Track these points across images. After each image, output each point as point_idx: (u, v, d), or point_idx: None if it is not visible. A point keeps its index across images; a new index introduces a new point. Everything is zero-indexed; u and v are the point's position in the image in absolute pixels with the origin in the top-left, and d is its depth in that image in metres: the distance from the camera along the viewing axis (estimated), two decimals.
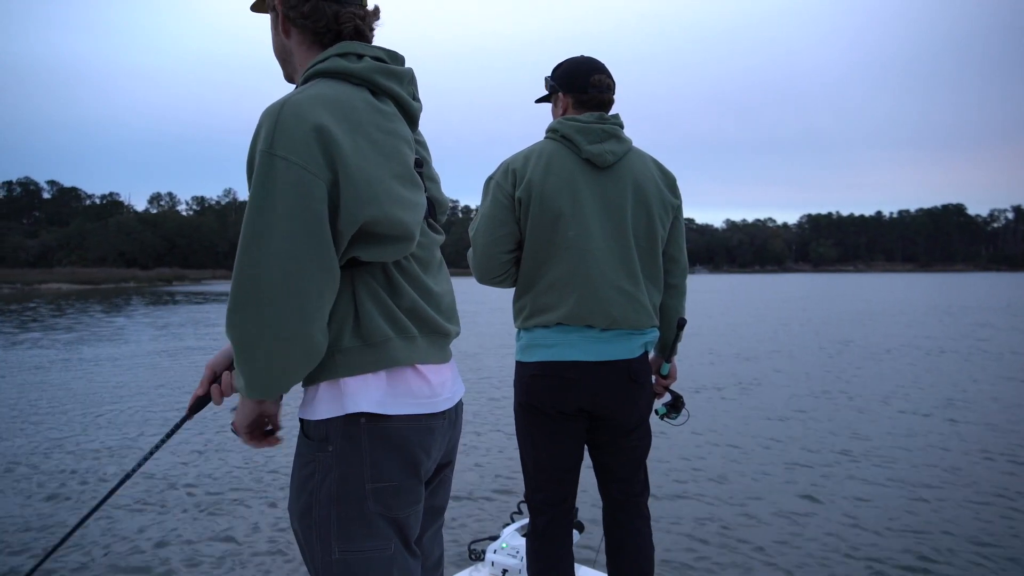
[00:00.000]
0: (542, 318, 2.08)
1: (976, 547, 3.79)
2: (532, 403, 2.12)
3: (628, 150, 2.14)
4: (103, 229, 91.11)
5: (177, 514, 4.35)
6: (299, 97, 1.20)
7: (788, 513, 4.32)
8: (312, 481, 1.26)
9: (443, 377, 1.39)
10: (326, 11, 1.33)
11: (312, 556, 1.27)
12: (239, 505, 4.54)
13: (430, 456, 1.34)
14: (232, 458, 5.58)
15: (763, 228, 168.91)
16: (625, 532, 2.21)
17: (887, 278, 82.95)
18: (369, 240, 1.23)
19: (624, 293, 2.06)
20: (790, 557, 3.68)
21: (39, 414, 7.32)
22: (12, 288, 47.69)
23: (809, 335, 15.39)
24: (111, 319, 21.02)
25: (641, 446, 2.21)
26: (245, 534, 4.05)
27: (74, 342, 14.38)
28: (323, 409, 1.26)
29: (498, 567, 2.69)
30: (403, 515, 1.29)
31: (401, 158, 1.29)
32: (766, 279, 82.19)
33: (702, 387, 8.68)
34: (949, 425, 6.66)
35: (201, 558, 3.72)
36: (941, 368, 10.39)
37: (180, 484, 4.94)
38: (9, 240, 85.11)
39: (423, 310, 1.34)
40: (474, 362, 11.27)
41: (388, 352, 1.27)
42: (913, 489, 4.77)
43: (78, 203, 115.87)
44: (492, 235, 2.10)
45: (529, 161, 2.09)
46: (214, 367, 1.39)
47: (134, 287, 54.32)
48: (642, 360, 2.15)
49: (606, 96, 2.15)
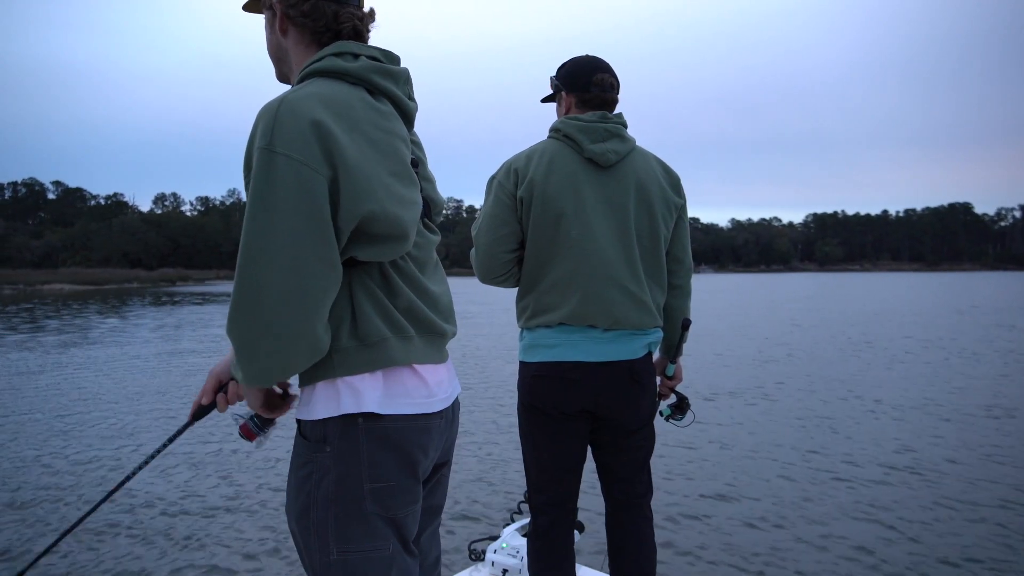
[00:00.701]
0: (544, 318, 2.08)
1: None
2: (534, 403, 2.12)
3: (631, 149, 2.13)
4: (107, 230, 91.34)
5: (158, 540, 4.03)
6: (296, 95, 1.20)
7: (848, 545, 3.86)
8: (310, 482, 1.25)
9: (440, 377, 1.39)
10: (326, 10, 1.34)
11: (310, 557, 1.27)
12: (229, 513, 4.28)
13: (428, 456, 1.34)
14: (218, 469, 5.30)
15: (768, 227, 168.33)
16: (627, 532, 2.20)
17: (894, 277, 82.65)
18: (366, 239, 1.23)
19: (627, 293, 2.06)
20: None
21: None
22: (14, 289, 47.60)
23: (827, 336, 14.99)
24: (102, 320, 20.69)
25: (644, 447, 2.20)
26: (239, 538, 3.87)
27: (60, 345, 14.08)
28: (320, 409, 1.26)
29: (498, 567, 2.68)
30: (401, 515, 1.29)
31: (398, 156, 1.30)
32: (772, 278, 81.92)
33: (717, 393, 8.33)
34: (998, 434, 6.29)
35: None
36: (973, 370, 10.05)
37: (160, 500, 4.63)
38: (14, 241, 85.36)
39: (420, 310, 1.34)
40: (477, 361, 11.01)
41: (385, 352, 1.27)
42: (973, 509, 4.39)
43: (83, 204, 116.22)
44: (494, 234, 2.11)
45: (532, 160, 2.09)
46: (219, 376, 1.40)
47: (137, 288, 54.17)
48: (645, 361, 2.13)
49: (609, 95, 2.14)
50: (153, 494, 4.80)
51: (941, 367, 10.50)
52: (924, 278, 78.01)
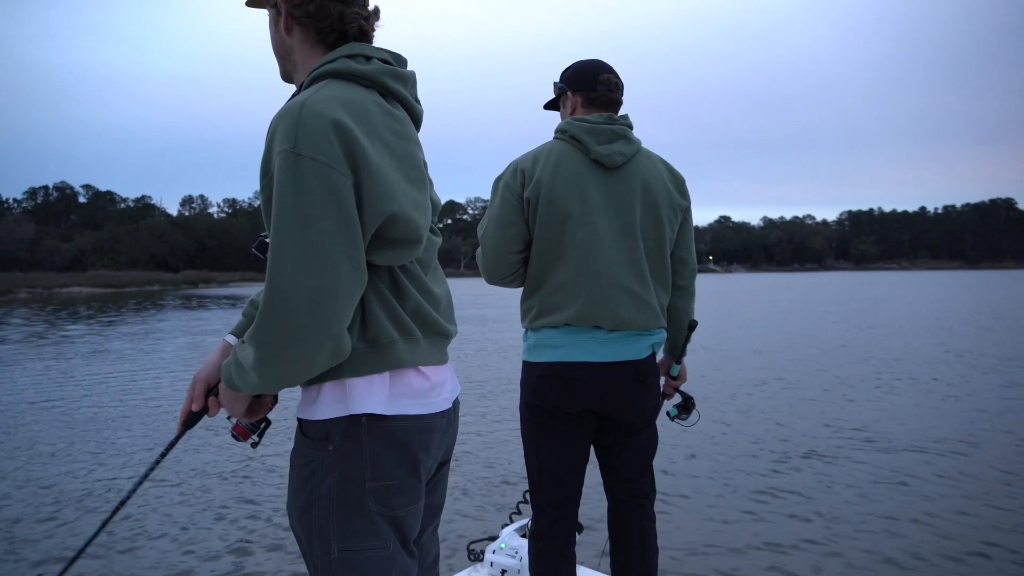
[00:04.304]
0: (550, 318, 2.08)
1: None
2: (539, 403, 2.11)
3: (637, 151, 2.14)
4: (135, 232, 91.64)
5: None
6: (316, 98, 1.19)
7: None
8: (312, 480, 1.26)
9: (444, 377, 1.40)
10: (331, 11, 1.33)
11: (312, 555, 1.27)
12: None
13: (430, 455, 1.35)
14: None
15: (802, 225, 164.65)
16: (630, 533, 2.20)
17: (935, 276, 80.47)
18: (384, 243, 1.24)
19: (632, 294, 2.07)
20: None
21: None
22: (31, 292, 47.03)
23: (900, 341, 13.26)
24: (94, 325, 19.75)
25: (648, 447, 2.21)
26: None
27: (24, 354, 13.00)
28: (326, 410, 1.26)
29: (497, 567, 2.66)
30: (402, 514, 1.29)
31: (414, 162, 1.33)
32: (807, 277, 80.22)
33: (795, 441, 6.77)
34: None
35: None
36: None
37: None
38: (44, 244, 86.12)
39: (426, 312, 1.35)
40: (479, 360, 10.87)
41: (394, 354, 1.28)
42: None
43: (113, 207, 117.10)
44: (501, 235, 2.11)
45: (538, 161, 2.10)
46: (207, 379, 1.37)
47: (159, 290, 53.64)
48: (649, 361, 2.14)
49: (615, 95, 2.17)
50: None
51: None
52: (967, 276, 75.55)
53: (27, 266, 76.98)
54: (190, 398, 1.37)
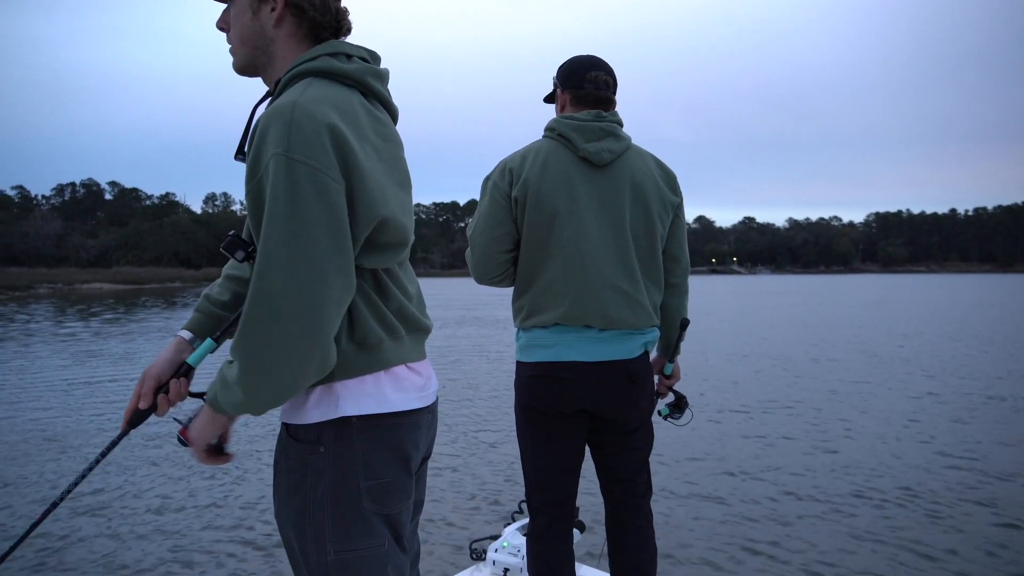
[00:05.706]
0: (540, 318, 2.07)
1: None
2: (531, 403, 2.11)
3: (627, 148, 2.12)
4: (158, 229, 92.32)
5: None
6: (307, 98, 1.17)
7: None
8: (305, 484, 1.24)
9: (428, 372, 1.40)
10: (331, 6, 1.31)
11: (306, 559, 1.25)
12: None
13: (419, 450, 1.35)
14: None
15: (828, 227, 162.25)
16: (627, 532, 2.19)
17: (965, 279, 78.39)
18: (373, 247, 1.24)
19: (621, 293, 2.05)
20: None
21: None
22: (52, 288, 47.19)
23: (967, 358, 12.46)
24: (89, 321, 19.51)
25: (643, 447, 2.20)
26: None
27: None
28: (316, 413, 1.24)
29: (499, 566, 2.67)
30: (396, 511, 1.29)
31: (399, 164, 1.34)
32: (833, 280, 78.93)
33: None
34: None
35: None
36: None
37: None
38: (70, 241, 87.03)
39: (407, 309, 1.35)
40: (491, 360, 10.86)
41: (382, 354, 1.27)
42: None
43: (138, 204, 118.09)
44: (490, 235, 2.10)
45: (526, 160, 2.08)
46: (159, 376, 1.32)
47: (179, 287, 53.81)
48: (642, 360, 2.12)
49: (603, 93, 2.13)
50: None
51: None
52: (999, 279, 74.11)
53: (53, 262, 77.78)
54: (137, 395, 1.31)
